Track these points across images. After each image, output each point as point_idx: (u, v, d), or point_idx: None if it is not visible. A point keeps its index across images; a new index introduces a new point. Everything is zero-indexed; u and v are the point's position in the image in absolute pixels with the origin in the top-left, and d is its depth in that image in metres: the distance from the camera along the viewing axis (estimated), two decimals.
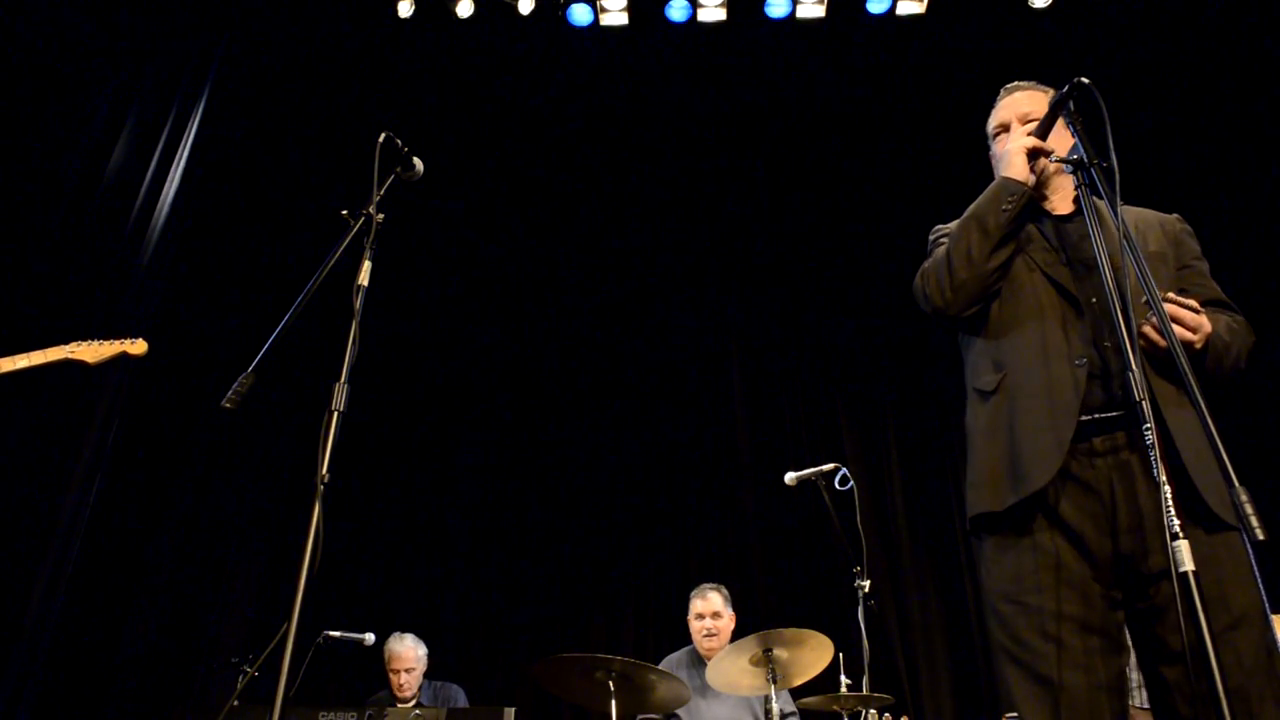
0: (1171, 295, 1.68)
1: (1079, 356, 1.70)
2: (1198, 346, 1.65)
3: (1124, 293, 1.52)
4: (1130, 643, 1.67)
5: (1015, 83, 2.08)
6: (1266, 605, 1.55)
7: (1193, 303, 1.68)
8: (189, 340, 4.96)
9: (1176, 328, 1.62)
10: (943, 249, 1.91)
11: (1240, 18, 5.36)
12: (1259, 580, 1.56)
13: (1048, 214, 1.91)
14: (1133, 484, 1.60)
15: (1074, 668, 1.58)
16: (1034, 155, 1.85)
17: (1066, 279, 1.79)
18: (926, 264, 1.96)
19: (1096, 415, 1.65)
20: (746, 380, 6.12)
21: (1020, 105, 2.01)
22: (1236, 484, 1.30)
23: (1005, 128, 2.02)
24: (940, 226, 2.05)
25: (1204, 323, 1.66)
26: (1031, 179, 1.84)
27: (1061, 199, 1.92)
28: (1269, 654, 1.51)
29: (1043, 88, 2.03)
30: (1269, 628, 1.54)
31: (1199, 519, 1.55)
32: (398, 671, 4.34)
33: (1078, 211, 1.79)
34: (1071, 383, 1.68)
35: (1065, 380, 1.69)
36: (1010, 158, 1.86)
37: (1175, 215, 1.95)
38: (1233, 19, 5.39)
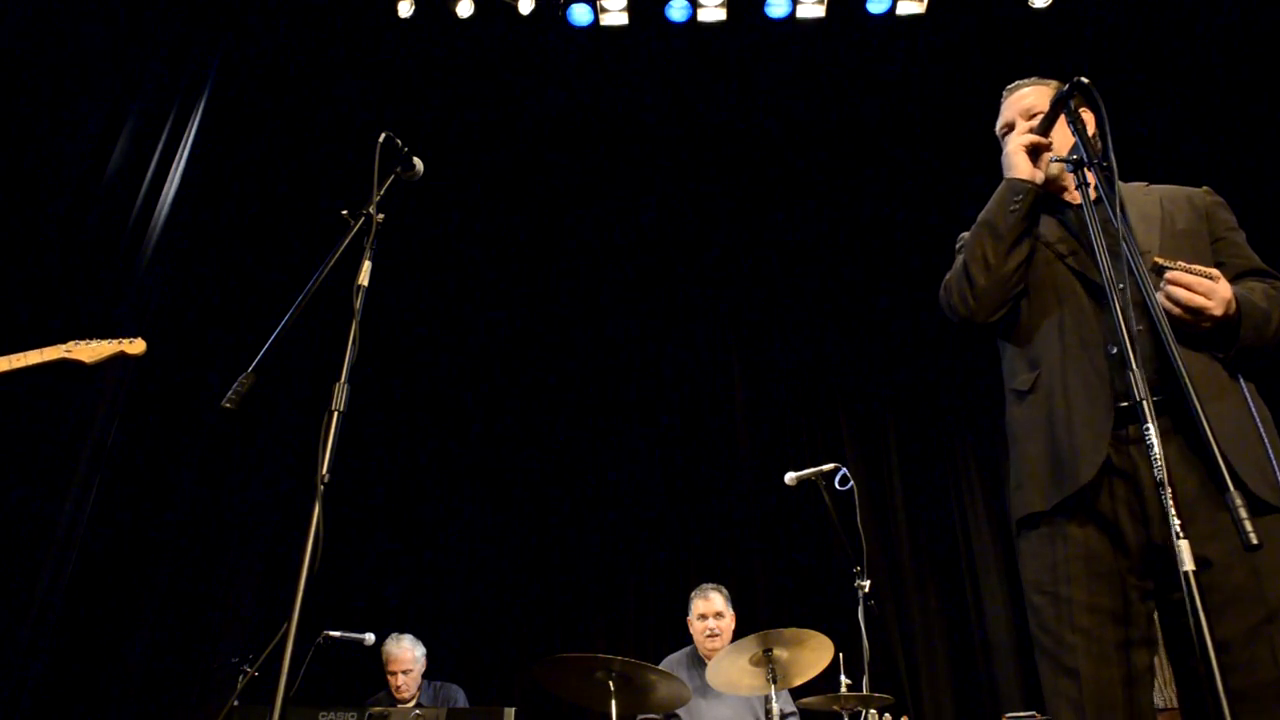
0: (1181, 264, 1.64)
1: (1109, 344, 1.67)
2: (1217, 313, 1.60)
3: (1124, 292, 1.50)
4: (1160, 636, 1.64)
5: (1018, 81, 2.06)
6: None
7: (1201, 268, 1.63)
8: (189, 340, 4.95)
9: (1183, 293, 1.59)
10: (961, 258, 1.89)
11: (1240, 16, 5.36)
12: None
13: (1068, 204, 1.89)
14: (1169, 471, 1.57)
15: (1100, 660, 1.55)
16: (1035, 151, 1.84)
17: (1089, 267, 1.75)
18: (948, 275, 1.93)
19: (1133, 402, 1.61)
20: (746, 380, 6.12)
21: (1022, 101, 2.00)
22: (1232, 489, 1.28)
23: (1010, 127, 2.01)
24: (964, 234, 2.02)
25: (1217, 289, 1.61)
26: (1039, 174, 1.84)
27: None
28: None
29: (1047, 81, 2.02)
30: None
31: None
32: (395, 673, 4.34)
33: (1099, 199, 1.75)
34: (1105, 372, 1.65)
35: (1098, 370, 1.66)
36: (1011, 158, 1.86)
37: (1204, 188, 1.91)
38: (1233, 18, 5.39)
